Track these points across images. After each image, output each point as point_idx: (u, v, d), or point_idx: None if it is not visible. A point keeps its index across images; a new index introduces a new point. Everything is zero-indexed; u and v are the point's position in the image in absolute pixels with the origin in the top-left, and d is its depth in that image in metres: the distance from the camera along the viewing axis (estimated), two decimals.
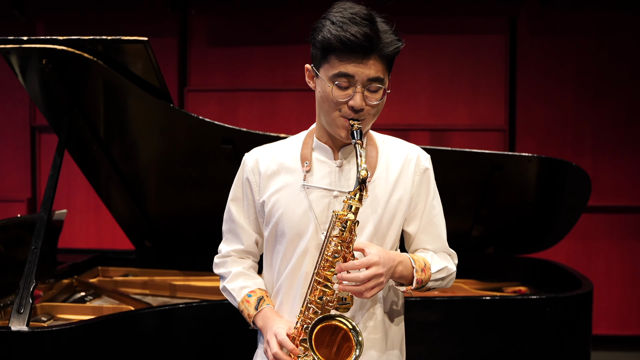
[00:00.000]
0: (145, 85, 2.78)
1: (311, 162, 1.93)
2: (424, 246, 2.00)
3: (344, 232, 1.76)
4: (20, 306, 2.42)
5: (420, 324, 2.84)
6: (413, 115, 5.73)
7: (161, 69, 5.64)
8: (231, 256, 2.07)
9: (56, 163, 2.65)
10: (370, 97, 1.81)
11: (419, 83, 5.72)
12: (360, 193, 1.77)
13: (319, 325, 1.71)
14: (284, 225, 1.91)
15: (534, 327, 2.90)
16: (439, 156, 3.20)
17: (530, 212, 3.59)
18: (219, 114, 5.83)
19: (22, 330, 2.37)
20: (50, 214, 2.61)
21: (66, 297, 3.35)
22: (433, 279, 1.92)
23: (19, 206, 5.97)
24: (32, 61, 2.61)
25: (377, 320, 1.93)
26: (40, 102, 2.95)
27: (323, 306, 1.77)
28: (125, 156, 3.21)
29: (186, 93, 5.88)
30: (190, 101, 5.87)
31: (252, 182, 1.97)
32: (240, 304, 1.98)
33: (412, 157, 1.97)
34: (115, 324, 2.53)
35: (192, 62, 5.92)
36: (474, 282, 3.69)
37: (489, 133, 5.67)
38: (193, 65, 5.92)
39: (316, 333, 1.71)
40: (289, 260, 1.92)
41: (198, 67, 5.92)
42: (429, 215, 1.98)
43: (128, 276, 3.76)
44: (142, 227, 3.73)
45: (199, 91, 5.88)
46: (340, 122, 1.83)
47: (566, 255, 5.56)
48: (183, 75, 5.94)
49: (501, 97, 5.67)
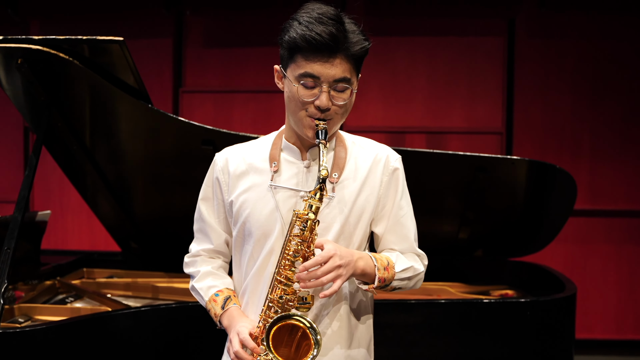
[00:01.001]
0: (123, 85, 2.75)
1: (279, 163, 1.92)
2: (390, 246, 1.97)
3: (304, 232, 1.74)
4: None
5: (399, 326, 2.81)
6: (409, 117, 5.69)
7: (156, 69, 5.82)
8: (201, 255, 2.06)
9: (32, 163, 2.64)
10: (337, 97, 1.80)
11: (415, 85, 5.68)
12: (321, 192, 1.75)
13: (277, 324, 1.69)
14: (251, 225, 1.89)
15: (515, 331, 2.87)
16: (420, 158, 3.21)
17: (518, 215, 3.55)
18: (214, 115, 5.82)
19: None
20: (24, 215, 2.58)
21: (48, 299, 3.33)
22: (398, 278, 1.89)
23: (13, 207, 5.95)
24: (7, 60, 2.59)
25: (342, 319, 1.91)
26: (18, 102, 2.94)
27: (283, 305, 1.75)
28: (106, 157, 3.20)
29: (181, 94, 5.86)
30: (186, 102, 5.85)
31: (221, 181, 1.96)
32: (207, 303, 1.97)
33: (381, 157, 1.95)
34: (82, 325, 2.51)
35: (188, 63, 5.91)
36: (460, 286, 3.64)
37: (486, 136, 5.63)
38: (188, 66, 5.91)
39: (274, 332, 1.69)
40: (256, 260, 1.91)
41: (193, 68, 5.90)
42: (396, 216, 1.95)
43: (113, 278, 3.74)
44: (127, 228, 3.71)
45: (194, 92, 5.86)
46: (307, 122, 1.82)
47: (563, 258, 5.50)
48: (178, 76, 5.93)
49: (498, 99, 5.62)
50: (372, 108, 5.69)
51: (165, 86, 5.86)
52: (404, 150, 3.15)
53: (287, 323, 1.70)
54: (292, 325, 1.71)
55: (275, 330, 1.69)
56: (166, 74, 5.85)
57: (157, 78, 5.84)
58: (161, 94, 5.84)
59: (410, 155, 3.14)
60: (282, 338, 1.72)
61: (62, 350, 2.45)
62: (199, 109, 5.81)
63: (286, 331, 1.72)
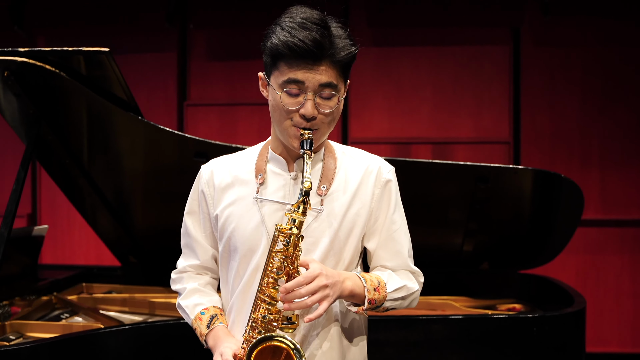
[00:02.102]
0: (113, 98, 2.70)
1: (265, 174, 1.85)
2: (382, 263, 1.88)
3: (288, 247, 1.66)
4: None
5: (399, 344, 2.71)
6: (415, 128, 5.61)
7: (161, 83, 5.80)
8: (187, 272, 1.98)
9: (20, 177, 2.59)
10: (322, 104, 1.72)
11: (420, 95, 5.60)
12: (304, 206, 1.67)
13: (259, 345, 1.61)
14: (236, 240, 1.82)
15: (522, 347, 2.77)
16: (417, 169, 3.13)
17: (525, 226, 3.45)
18: (218, 128, 5.78)
19: None
20: (10, 230, 2.53)
21: (43, 315, 3.28)
22: (390, 299, 1.80)
23: (19, 221, 5.92)
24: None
25: (333, 341, 1.82)
26: (8, 115, 2.90)
27: (266, 325, 1.67)
28: (100, 170, 3.15)
29: (186, 107, 5.82)
30: (190, 115, 5.81)
31: (206, 194, 1.90)
32: (193, 321, 1.90)
33: (372, 168, 1.87)
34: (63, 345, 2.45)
35: (192, 76, 5.88)
36: (466, 300, 3.55)
37: (493, 145, 5.53)
38: (193, 80, 5.88)
39: (257, 354, 1.61)
40: (242, 276, 1.83)
41: (198, 81, 5.87)
42: (388, 231, 1.86)
43: (111, 293, 3.69)
44: (125, 242, 3.66)
45: (198, 105, 5.83)
46: (292, 132, 1.74)
47: (575, 270, 5.38)
48: (182, 90, 5.90)
49: (505, 108, 5.53)
50: (376, 119, 5.63)
51: (170, 100, 5.84)
52: (400, 160, 3.08)
53: (271, 344, 1.62)
54: (276, 347, 1.62)
55: (257, 351, 1.61)
56: (171, 88, 5.83)
57: (162, 92, 5.82)
58: (166, 108, 5.82)
59: (408, 165, 3.08)
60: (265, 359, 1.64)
61: None
62: (204, 122, 5.77)
63: (269, 353, 1.63)
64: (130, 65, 5.74)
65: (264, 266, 1.69)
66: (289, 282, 1.63)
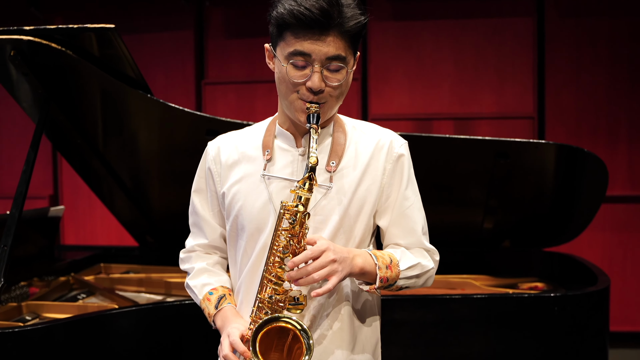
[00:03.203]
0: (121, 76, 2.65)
1: (272, 151, 1.79)
2: (395, 241, 1.81)
3: (294, 226, 1.60)
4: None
5: (415, 324, 2.65)
6: (436, 104, 5.50)
7: (178, 62, 5.75)
8: (196, 251, 1.94)
9: (30, 158, 2.56)
10: (330, 77, 1.65)
11: (442, 70, 5.48)
12: (310, 182, 1.60)
13: (265, 327, 1.56)
14: (244, 219, 1.76)
15: (543, 327, 2.69)
16: (435, 144, 3.04)
17: (547, 203, 3.36)
18: (237, 107, 5.73)
19: None
20: (21, 211, 2.51)
21: (61, 295, 3.28)
22: (403, 277, 1.73)
23: (42, 203, 5.96)
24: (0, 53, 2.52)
25: (343, 322, 1.76)
26: (16, 95, 2.87)
27: (273, 306, 1.62)
28: (114, 150, 3.12)
29: (204, 86, 5.78)
30: (208, 94, 5.77)
31: (213, 172, 1.84)
32: (201, 302, 1.86)
33: (384, 143, 1.79)
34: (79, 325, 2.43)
35: (210, 55, 5.83)
36: (487, 278, 3.47)
37: (517, 121, 5.40)
38: (210, 58, 5.83)
39: (263, 335, 1.56)
40: (250, 256, 1.78)
41: (215, 59, 5.82)
42: (400, 207, 1.79)
43: (129, 273, 3.68)
44: (142, 223, 3.64)
45: (216, 84, 5.78)
46: (299, 105, 1.68)
47: (601, 248, 5.27)
48: (200, 68, 5.85)
49: (529, 83, 5.39)
50: (397, 95, 5.53)
51: (188, 79, 5.80)
52: (415, 135, 3.00)
53: (277, 326, 1.56)
54: (282, 328, 1.57)
55: (263, 333, 1.55)
56: (188, 67, 5.79)
57: (180, 71, 5.79)
58: (184, 87, 5.78)
59: (424, 140, 2.99)
60: (271, 342, 1.59)
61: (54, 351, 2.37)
62: (222, 101, 5.73)
63: (276, 334, 1.58)
64: (148, 45, 5.72)
65: (270, 245, 1.64)
66: (296, 257, 1.58)
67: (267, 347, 1.58)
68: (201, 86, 5.78)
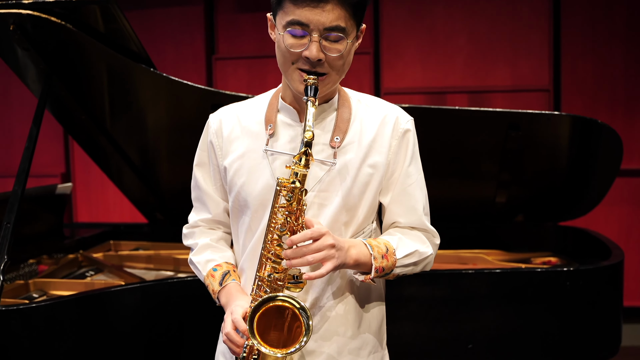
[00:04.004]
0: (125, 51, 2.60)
1: (275, 125, 1.74)
2: (395, 219, 1.76)
3: (291, 203, 1.56)
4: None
5: (424, 300, 2.61)
6: (449, 77, 5.41)
7: (188, 38, 5.69)
8: (199, 226, 1.90)
9: (32, 134, 2.53)
10: (329, 47, 1.60)
11: (455, 43, 5.38)
12: (306, 157, 1.56)
13: (262, 307, 1.52)
14: (247, 195, 1.73)
15: (554, 303, 2.64)
16: (445, 117, 2.97)
17: (561, 176, 3.28)
18: (248, 82, 5.67)
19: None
20: (24, 188, 2.48)
21: (69, 273, 3.27)
22: (400, 265, 1.69)
23: (54, 181, 5.95)
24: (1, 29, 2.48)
25: (348, 302, 1.72)
26: (18, 71, 2.83)
27: (272, 284, 1.58)
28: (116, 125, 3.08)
29: (214, 61, 5.72)
30: (219, 70, 5.71)
31: (215, 145, 1.80)
32: (205, 278, 1.82)
33: (390, 118, 1.74)
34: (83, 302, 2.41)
35: (220, 30, 5.76)
36: (499, 253, 3.42)
37: (532, 94, 5.30)
38: (221, 33, 5.76)
39: (262, 315, 1.52)
40: (254, 233, 1.74)
41: (226, 34, 5.75)
42: (402, 184, 1.74)
43: (138, 250, 3.67)
44: (151, 200, 3.63)
45: (227, 59, 5.71)
46: (297, 76, 1.63)
47: (618, 222, 5.18)
48: (211, 44, 5.79)
49: (544, 55, 5.27)
50: (410, 69, 5.44)
51: (198, 54, 5.74)
52: (425, 108, 2.93)
53: (274, 305, 1.53)
54: (281, 307, 1.54)
55: (262, 312, 1.52)
56: (198, 42, 5.72)
57: (190, 46, 5.73)
58: (194, 63, 5.73)
59: (433, 113, 2.92)
60: (270, 321, 1.55)
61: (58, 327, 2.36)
62: (233, 76, 5.67)
63: (275, 313, 1.55)
64: (157, 20, 5.66)
65: (267, 223, 1.60)
66: (294, 235, 1.54)
67: (266, 327, 1.55)
68: (212, 62, 5.72)
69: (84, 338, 2.40)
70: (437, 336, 2.62)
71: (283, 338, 1.57)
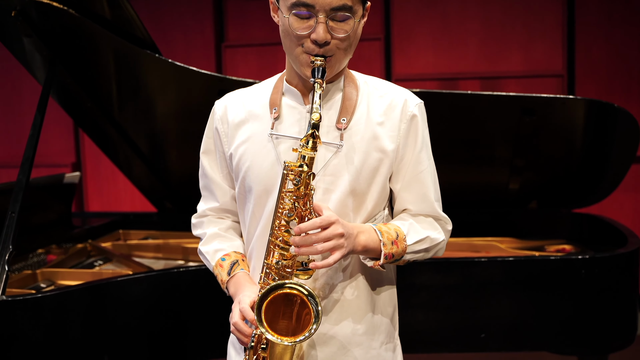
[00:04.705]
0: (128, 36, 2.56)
1: (280, 108, 1.69)
2: (406, 206, 1.71)
3: (299, 187, 1.51)
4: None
5: (435, 288, 2.56)
6: (462, 62, 5.33)
7: (197, 25, 5.64)
8: (207, 215, 1.87)
9: (36, 122, 2.50)
10: (336, 28, 1.55)
11: (467, 27, 5.30)
12: (313, 140, 1.51)
13: (270, 295, 1.48)
14: (251, 181, 1.68)
15: (569, 291, 2.58)
16: (457, 101, 2.91)
17: (576, 162, 3.22)
18: (258, 70, 5.62)
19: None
20: (29, 177, 2.45)
21: (78, 262, 3.25)
22: (411, 251, 1.64)
23: (64, 171, 5.96)
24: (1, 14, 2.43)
25: (359, 288, 1.68)
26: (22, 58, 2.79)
27: (280, 272, 1.54)
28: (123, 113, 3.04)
29: (224, 49, 5.67)
30: (229, 57, 5.66)
31: (220, 132, 1.76)
32: (214, 268, 1.79)
33: (398, 102, 1.68)
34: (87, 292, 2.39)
35: (229, 17, 5.70)
36: (512, 240, 3.37)
37: (546, 79, 5.21)
38: (230, 20, 5.71)
39: (270, 303, 1.48)
40: (259, 220, 1.69)
41: (235, 21, 5.69)
42: (413, 171, 1.68)
43: (148, 239, 3.65)
44: (160, 189, 3.60)
45: (237, 47, 5.66)
46: (304, 59, 1.58)
47: (633, 209, 5.09)
48: (220, 31, 5.74)
49: (558, 39, 5.18)
50: (422, 54, 5.36)
51: (207, 42, 5.69)
52: (435, 93, 2.87)
53: (282, 293, 1.49)
54: (288, 295, 1.50)
55: (270, 300, 1.48)
56: (207, 30, 5.67)
57: (199, 34, 5.68)
58: (203, 51, 5.69)
59: (445, 98, 2.86)
60: (278, 309, 1.52)
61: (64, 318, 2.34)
62: (243, 64, 5.62)
63: (283, 301, 1.51)
64: (166, 8, 5.62)
65: (275, 208, 1.56)
66: (303, 223, 1.49)
67: (274, 315, 1.51)
68: (221, 49, 5.68)
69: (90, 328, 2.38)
70: (449, 325, 2.57)
71: (292, 326, 1.54)
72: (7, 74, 5.81)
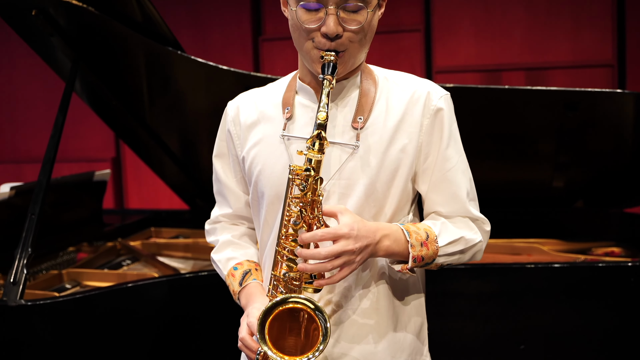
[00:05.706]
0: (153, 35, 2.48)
1: (293, 108, 1.58)
2: (436, 209, 1.56)
3: (306, 193, 1.39)
4: (14, 277, 2.22)
5: (472, 296, 2.42)
6: (506, 53, 5.14)
7: (234, 19, 5.57)
8: (221, 222, 1.77)
9: (58, 122, 2.44)
10: (348, 19, 1.43)
11: (512, 17, 5.10)
12: (320, 141, 1.38)
13: (273, 311, 1.36)
14: (263, 185, 1.57)
15: (616, 300, 2.40)
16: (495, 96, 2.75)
17: (625, 159, 3.02)
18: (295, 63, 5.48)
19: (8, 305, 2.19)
20: (49, 178, 2.38)
21: (106, 261, 3.20)
22: (444, 254, 1.49)
23: (104, 165, 5.97)
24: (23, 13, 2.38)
25: (380, 300, 1.53)
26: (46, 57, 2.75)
27: (287, 284, 1.42)
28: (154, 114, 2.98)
29: (261, 43, 5.60)
30: (266, 51, 5.59)
31: (233, 134, 1.65)
32: (226, 277, 1.68)
33: (420, 95, 1.54)
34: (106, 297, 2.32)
35: (266, 9, 5.63)
36: (556, 242, 3.18)
37: (595, 69, 4.99)
38: (267, 13, 5.63)
39: (273, 320, 1.37)
40: (272, 227, 1.58)
41: (273, 14, 5.62)
42: (441, 170, 1.54)
43: (179, 237, 3.59)
44: (191, 187, 3.54)
45: (274, 40, 5.58)
46: (315, 55, 1.47)
47: None
48: (257, 25, 5.66)
49: (608, 28, 4.95)
50: (464, 45, 5.19)
51: (245, 36, 5.63)
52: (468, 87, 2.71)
53: (286, 308, 1.37)
54: (293, 310, 1.38)
55: (274, 316, 1.36)
56: (245, 23, 5.61)
57: (236, 28, 5.63)
58: (241, 45, 5.63)
59: (482, 93, 2.70)
60: (284, 325, 1.40)
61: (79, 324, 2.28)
62: (280, 57, 5.53)
63: (287, 317, 1.39)
64: (203, 2, 5.56)
65: (281, 216, 1.44)
66: (306, 233, 1.37)
67: (280, 331, 1.39)
68: (258, 43, 5.60)
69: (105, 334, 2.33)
70: (486, 335, 2.42)
71: (301, 343, 1.42)
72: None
